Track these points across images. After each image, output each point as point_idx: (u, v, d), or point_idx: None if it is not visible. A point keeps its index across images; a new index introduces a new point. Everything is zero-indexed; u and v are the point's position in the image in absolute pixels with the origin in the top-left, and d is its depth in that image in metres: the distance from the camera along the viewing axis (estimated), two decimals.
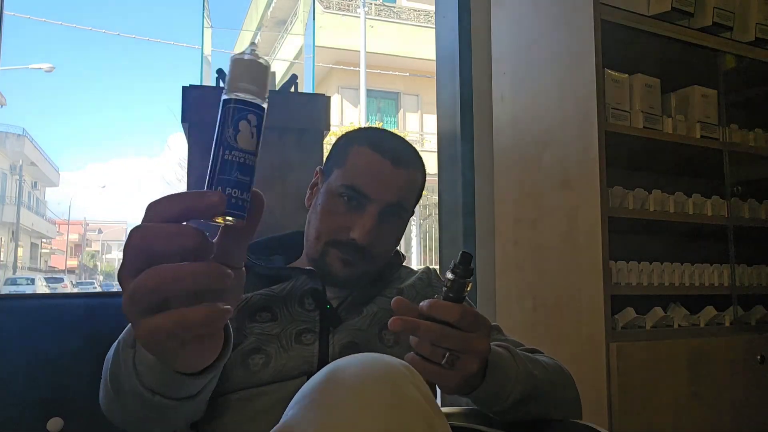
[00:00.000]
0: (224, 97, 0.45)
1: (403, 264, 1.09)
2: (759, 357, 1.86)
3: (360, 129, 1.02)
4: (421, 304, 0.70)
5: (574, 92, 1.81)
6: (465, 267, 0.69)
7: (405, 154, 0.95)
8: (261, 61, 0.46)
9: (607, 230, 1.70)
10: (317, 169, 1.02)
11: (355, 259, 0.92)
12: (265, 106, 0.46)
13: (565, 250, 1.79)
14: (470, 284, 0.70)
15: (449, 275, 0.70)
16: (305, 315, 0.90)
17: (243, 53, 0.46)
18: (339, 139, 0.99)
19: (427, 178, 1.01)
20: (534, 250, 1.93)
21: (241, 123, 0.45)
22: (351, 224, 0.91)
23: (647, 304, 1.83)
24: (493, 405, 0.78)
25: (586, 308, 1.71)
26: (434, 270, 1.09)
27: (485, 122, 2.17)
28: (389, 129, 1.06)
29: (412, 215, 1.02)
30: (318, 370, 0.80)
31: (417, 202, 1.02)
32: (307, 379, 0.80)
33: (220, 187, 0.45)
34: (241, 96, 0.45)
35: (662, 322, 1.81)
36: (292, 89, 1.71)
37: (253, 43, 0.44)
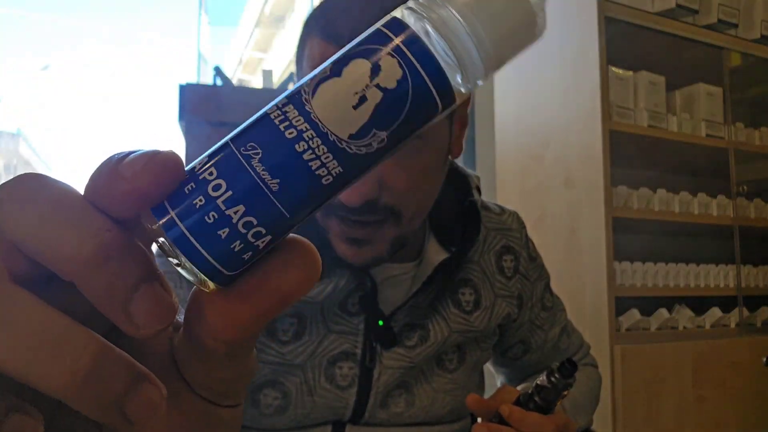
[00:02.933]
0: None
1: (482, 208, 0.74)
2: (765, 359, 1.84)
3: (317, 7, 0.64)
4: (502, 409, 0.59)
5: (577, 90, 1.78)
6: (566, 379, 0.58)
7: (364, 18, 0.57)
8: None
9: (611, 230, 1.67)
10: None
11: (366, 232, 0.60)
12: None
13: (569, 251, 1.77)
14: (564, 397, 0.60)
15: (543, 383, 0.59)
16: (345, 322, 0.65)
17: None
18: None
19: None
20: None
21: None
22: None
23: (652, 305, 1.81)
24: None
25: (590, 310, 1.69)
26: (527, 243, 0.82)
27: (487, 120, 2.14)
28: None
29: (457, 117, 0.67)
30: (350, 420, 0.66)
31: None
32: (333, 428, 0.66)
33: None
34: None
35: (667, 323, 1.79)
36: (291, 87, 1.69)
37: None
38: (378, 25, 0.21)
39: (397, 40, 0.20)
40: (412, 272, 0.70)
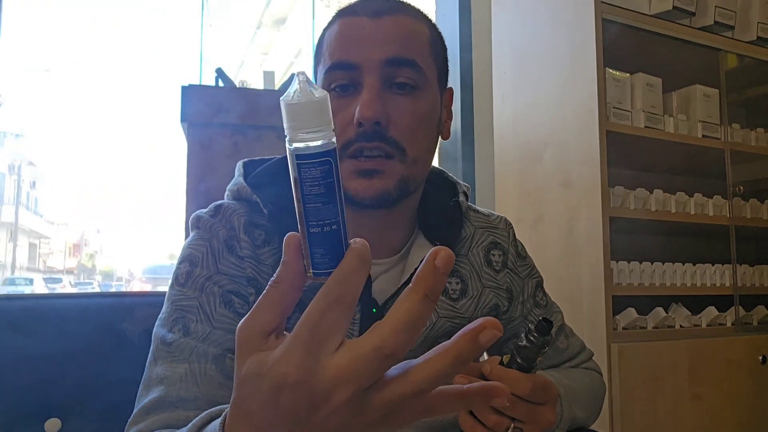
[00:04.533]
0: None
1: (469, 209, 0.84)
2: (761, 358, 1.85)
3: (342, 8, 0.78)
4: (484, 366, 0.62)
5: (575, 92, 1.80)
6: (543, 336, 0.61)
7: (388, 4, 0.73)
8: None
9: (609, 230, 1.69)
10: None
11: (376, 162, 0.69)
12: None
13: (566, 251, 1.79)
14: (542, 356, 0.62)
15: (523, 343, 0.62)
16: None
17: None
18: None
19: None
20: (535, 250, 1.90)
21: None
22: (354, 113, 0.69)
23: (649, 304, 1.82)
24: None
25: (588, 309, 1.70)
26: (513, 242, 0.88)
27: (486, 122, 2.16)
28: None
29: (447, 92, 0.79)
30: None
31: (443, 70, 0.77)
32: None
33: None
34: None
35: (664, 322, 1.81)
36: None
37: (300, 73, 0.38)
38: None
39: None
40: (399, 266, 0.77)
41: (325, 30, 0.76)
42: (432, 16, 0.81)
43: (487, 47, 2.17)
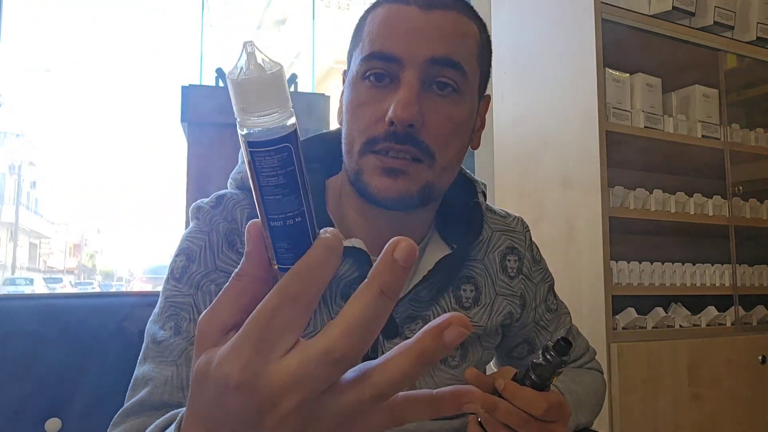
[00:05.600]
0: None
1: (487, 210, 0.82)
2: (760, 357, 1.86)
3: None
4: (498, 381, 0.60)
5: (575, 92, 1.80)
6: (560, 356, 0.59)
7: None
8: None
9: (608, 230, 1.69)
10: (342, 72, 0.76)
11: (402, 164, 0.65)
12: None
13: (566, 251, 1.79)
14: (558, 375, 0.61)
15: (539, 359, 0.60)
16: None
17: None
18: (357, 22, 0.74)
19: None
20: None
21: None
22: (387, 108, 0.64)
23: (648, 304, 1.83)
24: None
25: (587, 308, 1.70)
26: (530, 246, 0.85)
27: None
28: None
29: (485, 98, 0.76)
30: None
31: (485, 76, 0.73)
32: None
33: None
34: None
35: (663, 322, 1.81)
36: (292, 89, 1.71)
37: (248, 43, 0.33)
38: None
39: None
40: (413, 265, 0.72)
41: (368, 11, 0.70)
42: None
43: None
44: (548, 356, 0.59)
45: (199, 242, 0.71)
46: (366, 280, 0.31)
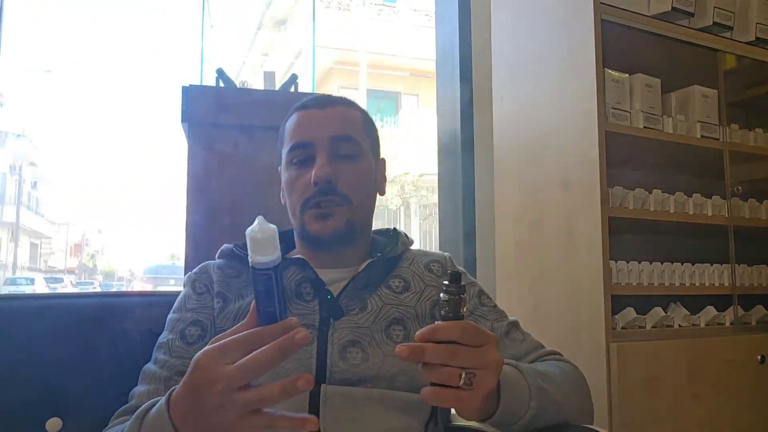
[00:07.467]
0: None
1: (414, 248, 1.06)
2: (759, 357, 1.86)
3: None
4: (417, 333, 0.68)
5: (574, 92, 1.81)
6: (457, 285, 0.68)
7: (329, 98, 1.00)
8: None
9: (608, 230, 1.69)
10: (278, 169, 1.04)
11: (329, 209, 0.92)
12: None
13: (566, 251, 1.79)
14: (465, 301, 0.69)
15: (443, 296, 0.68)
16: (304, 307, 0.91)
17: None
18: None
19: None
20: (534, 250, 1.93)
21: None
22: (310, 178, 0.92)
23: (647, 304, 1.83)
24: (511, 424, 0.76)
25: (587, 308, 1.71)
26: (450, 260, 1.05)
27: (485, 122, 2.17)
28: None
29: (381, 162, 1.04)
30: (316, 373, 0.86)
31: (375, 143, 1.02)
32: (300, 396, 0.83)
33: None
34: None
35: (662, 322, 1.81)
36: (292, 89, 1.71)
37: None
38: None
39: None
40: (352, 272, 0.96)
41: (285, 121, 1.01)
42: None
43: (487, 47, 2.18)
44: (449, 290, 0.68)
45: (180, 299, 0.99)
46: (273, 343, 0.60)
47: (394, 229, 1.08)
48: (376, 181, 1.01)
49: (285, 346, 0.58)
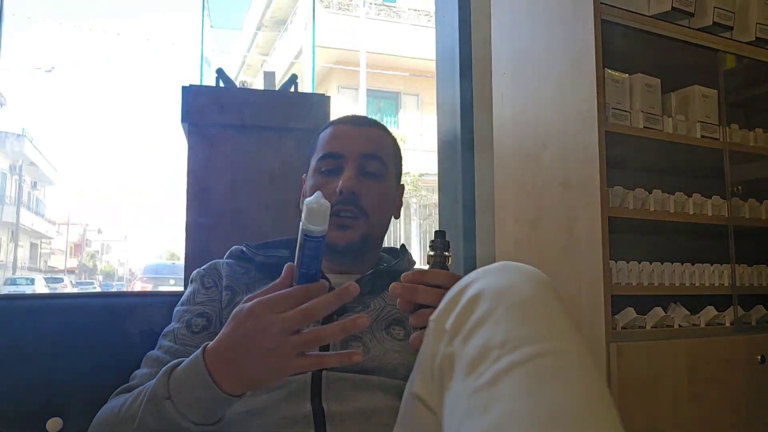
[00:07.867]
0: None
1: (415, 265, 1.12)
2: (759, 357, 1.86)
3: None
4: (403, 275, 0.76)
5: (574, 92, 1.81)
6: (442, 240, 0.77)
7: (367, 120, 1.07)
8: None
9: (608, 230, 1.69)
10: (302, 177, 1.09)
11: (348, 221, 0.98)
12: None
13: (565, 250, 1.79)
14: (450, 258, 0.77)
15: (430, 252, 0.77)
16: None
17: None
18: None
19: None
20: (534, 250, 1.93)
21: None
22: (337, 186, 0.98)
23: (647, 304, 1.83)
24: None
25: (586, 308, 1.71)
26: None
27: (485, 122, 2.17)
28: (389, 128, 1.13)
29: (400, 187, 1.11)
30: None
31: (399, 169, 1.09)
32: (312, 374, 0.91)
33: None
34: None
35: (662, 322, 1.81)
36: (292, 89, 1.71)
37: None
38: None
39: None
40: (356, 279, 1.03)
41: (320, 131, 1.07)
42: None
43: (487, 47, 2.18)
44: (436, 245, 0.77)
45: (188, 293, 1.04)
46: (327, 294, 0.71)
47: (402, 245, 1.14)
48: (395, 204, 1.08)
49: (342, 294, 0.68)
